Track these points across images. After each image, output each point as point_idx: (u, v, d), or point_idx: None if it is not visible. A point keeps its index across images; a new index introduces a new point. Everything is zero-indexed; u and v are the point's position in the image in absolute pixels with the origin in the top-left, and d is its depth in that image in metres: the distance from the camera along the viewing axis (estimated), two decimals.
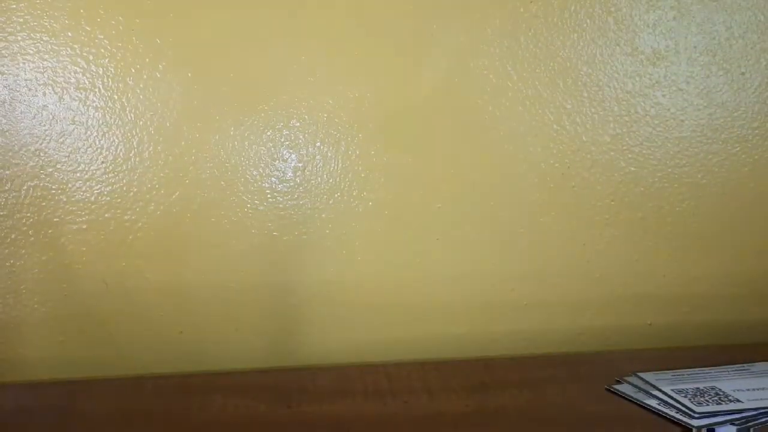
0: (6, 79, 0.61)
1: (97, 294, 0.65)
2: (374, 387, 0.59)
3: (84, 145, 0.63)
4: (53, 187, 0.63)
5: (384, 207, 0.68)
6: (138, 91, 0.63)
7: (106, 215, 0.64)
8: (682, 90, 0.71)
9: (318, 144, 0.67)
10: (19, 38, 0.61)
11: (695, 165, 0.73)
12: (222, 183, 0.66)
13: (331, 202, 0.68)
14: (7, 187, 0.62)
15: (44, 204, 0.63)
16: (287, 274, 0.68)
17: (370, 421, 0.52)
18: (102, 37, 0.62)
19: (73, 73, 0.62)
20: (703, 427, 0.50)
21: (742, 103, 0.72)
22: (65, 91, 0.62)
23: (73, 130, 0.63)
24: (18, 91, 0.61)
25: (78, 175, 0.63)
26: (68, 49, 0.62)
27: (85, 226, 0.64)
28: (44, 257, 0.64)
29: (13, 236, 0.63)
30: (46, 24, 0.61)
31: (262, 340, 0.69)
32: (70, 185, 0.63)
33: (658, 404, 0.54)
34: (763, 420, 0.51)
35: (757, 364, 0.62)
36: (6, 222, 0.63)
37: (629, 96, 0.71)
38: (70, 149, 0.63)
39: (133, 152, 0.64)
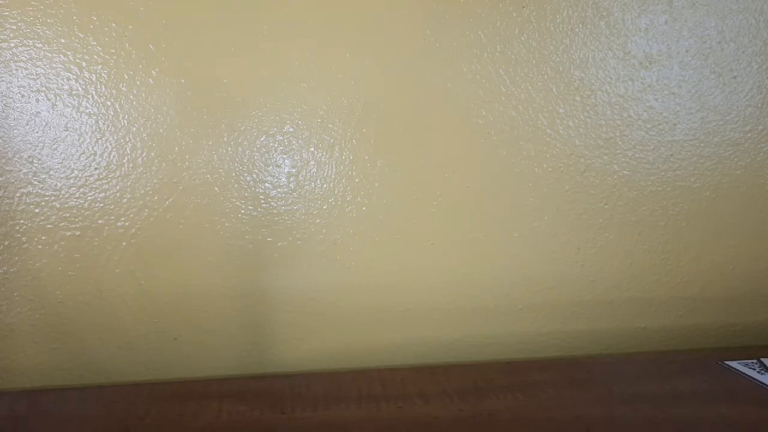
0: None
1: (90, 301, 0.65)
2: (368, 392, 0.59)
3: (77, 151, 0.63)
4: (46, 193, 0.63)
5: (378, 212, 0.68)
6: (131, 97, 0.63)
7: (100, 222, 0.64)
8: (675, 94, 0.71)
9: (311, 149, 0.67)
10: (12, 45, 0.61)
11: (688, 168, 0.73)
12: (216, 189, 0.66)
13: (325, 207, 0.68)
14: (0, 194, 0.62)
15: (37, 211, 0.63)
16: (282, 279, 0.68)
17: (365, 426, 0.52)
18: (95, 43, 0.62)
19: (66, 80, 0.62)
20: None
21: (734, 106, 0.73)
22: (58, 98, 0.62)
23: (66, 136, 0.63)
24: (11, 98, 0.61)
25: (71, 181, 0.63)
26: (61, 55, 0.62)
27: (78, 233, 0.64)
28: (38, 264, 0.64)
29: (6, 243, 0.63)
30: (39, 31, 0.61)
31: (256, 346, 0.69)
32: (63, 192, 0.63)
33: None
34: None
35: None
36: None
37: (622, 100, 0.71)
38: (63, 156, 0.63)
39: (126, 158, 0.64)
